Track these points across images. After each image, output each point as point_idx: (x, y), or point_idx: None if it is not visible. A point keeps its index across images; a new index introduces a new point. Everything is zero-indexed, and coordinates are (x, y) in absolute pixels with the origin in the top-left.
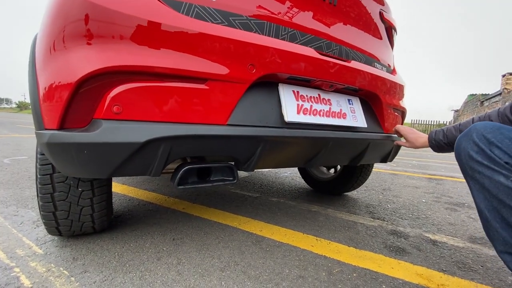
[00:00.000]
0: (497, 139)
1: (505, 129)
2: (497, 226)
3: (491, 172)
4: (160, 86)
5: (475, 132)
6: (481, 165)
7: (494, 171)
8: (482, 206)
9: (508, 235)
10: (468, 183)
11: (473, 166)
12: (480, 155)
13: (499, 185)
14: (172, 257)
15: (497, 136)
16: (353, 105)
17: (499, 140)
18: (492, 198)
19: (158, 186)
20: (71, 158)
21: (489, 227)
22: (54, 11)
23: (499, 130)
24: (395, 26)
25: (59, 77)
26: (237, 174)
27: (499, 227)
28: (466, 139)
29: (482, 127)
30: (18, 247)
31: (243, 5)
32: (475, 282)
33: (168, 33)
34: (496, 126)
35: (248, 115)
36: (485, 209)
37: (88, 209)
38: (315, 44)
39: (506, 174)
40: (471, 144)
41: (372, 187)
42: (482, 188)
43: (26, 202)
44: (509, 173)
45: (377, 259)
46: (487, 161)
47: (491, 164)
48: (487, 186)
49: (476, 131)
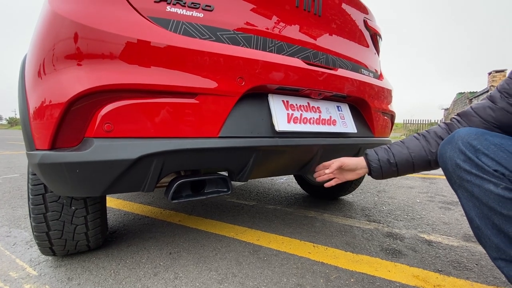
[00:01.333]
0: (483, 146)
1: (489, 135)
2: (489, 234)
3: (480, 180)
4: (151, 103)
5: (460, 140)
6: (470, 173)
7: (483, 179)
8: (472, 214)
9: (501, 242)
10: (456, 191)
11: (461, 175)
12: (468, 164)
13: (489, 193)
14: (169, 271)
15: (483, 143)
16: (342, 111)
17: (485, 147)
18: (483, 206)
19: (153, 199)
20: (64, 178)
21: (481, 235)
22: (44, 32)
23: (484, 136)
24: (379, 32)
25: (49, 97)
26: (231, 185)
27: (491, 234)
28: (451, 147)
29: (466, 134)
30: (12, 269)
31: (230, 20)
32: (470, 281)
33: (157, 51)
34: (479, 132)
35: (239, 126)
36: (476, 217)
37: (82, 227)
38: (302, 54)
39: (495, 182)
40: (457, 153)
41: (367, 189)
42: (471, 196)
43: (19, 222)
44: (499, 181)
45: (374, 262)
46: (475, 169)
47: (479, 173)
48: (477, 194)
49: (461, 138)
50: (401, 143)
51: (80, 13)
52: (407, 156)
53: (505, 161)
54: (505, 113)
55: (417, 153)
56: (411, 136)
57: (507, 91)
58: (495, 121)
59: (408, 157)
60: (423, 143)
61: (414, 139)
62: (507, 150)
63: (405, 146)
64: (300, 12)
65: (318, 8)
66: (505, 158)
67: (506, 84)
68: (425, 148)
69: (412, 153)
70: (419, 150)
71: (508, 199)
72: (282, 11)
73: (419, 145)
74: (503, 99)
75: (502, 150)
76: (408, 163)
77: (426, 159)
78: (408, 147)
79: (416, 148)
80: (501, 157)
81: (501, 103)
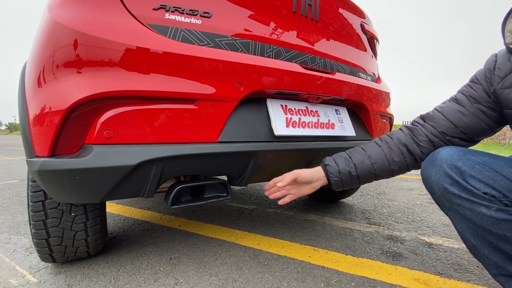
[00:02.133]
0: (468, 167)
1: (470, 154)
2: (486, 252)
3: (470, 204)
4: (150, 109)
5: (444, 162)
6: (459, 197)
7: (474, 202)
8: (467, 234)
9: (499, 259)
10: (446, 214)
11: (450, 198)
12: (456, 187)
13: (482, 216)
14: (169, 277)
15: (467, 163)
16: (340, 115)
17: (470, 168)
18: (477, 227)
19: (153, 204)
20: (63, 185)
21: (478, 253)
22: (44, 40)
23: (466, 156)
24: (377, 36)
25: (49, 104)
26: (230, 190)
27: (488, 253)
28: (435, 170)
29: (449, 155)
30: (12, 277)
31: (228, 26)
32: (471, 283)
33: (156, 58)
34: (461, 151)
35: (238, 131)
36: (471, 237)
37: (82, 234)
38: (300, 59)
39: (487, 204)
40: (443, 176)
41: (367, 192)
42: (463, 218)
43: (19, 229)
44: (490, 203)
45: (375, 266)
46: (464, 193)
47: (469, 196)
48: (469, 216)
49: (445, 161)
50: (362, 151)
51: (80, 21)
52: (369, 167)
53: (493, 182)
54: (477, 119)
55: (379, 163)
56: (372, 142)
57: (473, 96)
58: (465, 126)
59: (371, 168)
60: (385, 150)
61: (376, 146)
62: (492, 169)
63: (367, 155)
64: (298, 17)
65: (315, 13)
66: (492, 177)
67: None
68: (388, 157)
69: (375, 163)
70: (381, 160)
71: (502, 220)
72: (279, 16)
73: (382, 154)
74: (473, 105)
75: (487, 169)
76: (370, 174)
77: (389, 169)
78: (370, 157)
79: (379, 158)
80: (488, 177)
81: (471, 108)
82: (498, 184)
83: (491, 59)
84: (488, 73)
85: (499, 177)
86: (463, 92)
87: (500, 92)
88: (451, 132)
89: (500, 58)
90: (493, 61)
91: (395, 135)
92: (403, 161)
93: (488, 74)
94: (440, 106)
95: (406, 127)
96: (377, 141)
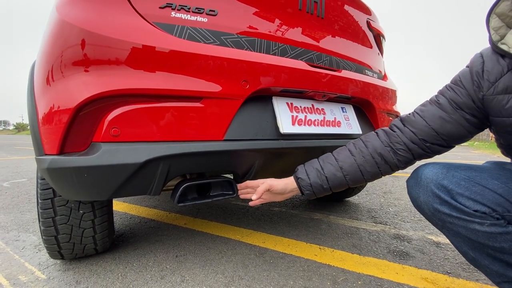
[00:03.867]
0: (455, 184)
1: (453, 170)
2: (486, 263)
3: (463, 222)
4: (157, 107)
5: (430, 182)
6: (450, 216)
7: (466, 221)
8: (464, 248)
9: (500, 268)
10: (440, 230)
11: (442, 218)
12: (446, 207)
13: (476, 232)
14: (175, 274)
15: (452, 180)
16: (346, 112)
17: (457, 185)
18: (473, 242)
19: (159, 202)
20: (72, 182)
21: (479, 265)
22: (52, 40)
23: (450, 173)
24: (383, 33)
25: (57, 103)
26: (236, 187)
27: (488, 263)
28: (422, 191)
29: (433, 174)
30: (21, 273)
31: (234, 24)
32: (480, 283)
33: (162, 56)
34: (444, 168)
35: (244, 129)
36: (469, 250)
37: (90, 231)
38: (306, 57)
39: (479, 221)
40: (431, 197)
41: (373, 190)
42: (458, 234)
43: (27, 226)
44: (482, 220)
45: (381, 265)
46: (455, 212)
47: (461, 215)
48: (464, 233)
49: (430, 180)
50: (334, 162)
51: (87, 20)
52: (341, 179)
53: (481, 198)
54: (459, 126)
55: (352, 174)
56: (345, 150)
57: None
58: (447, 133)
59: (343, 180)
60: (359, 161)
61: (349, 155)
62: (477, 183)
63: (339, 166)
64: (303, 14)
65: (321, 10)
66: (480, 193)
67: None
68: (361, 168)
69: (347, 175)
70: (354, 171)
71: (496, 234)
72: (285, 14)
73: (355, 165)
74: (456, 111)
75: (473, 185)
76: (342, 185)
77: (361, 179)
78: (342, 168)
79: (351, 169)
80: (476, 193)
81: (454, 115)
82: (486, 199)
83: (477, 61)
84: (476, 77)
85: (486, 192)
86: (445, 95)
87: (491, 99)
88: (432, 139)
89: (487, 59)
90: (480, 62)
91: (371, 142)
92: (377, 171)
93: (476, 77)
94: (421, 109)
95: (383, 132)
96: (351, 148)
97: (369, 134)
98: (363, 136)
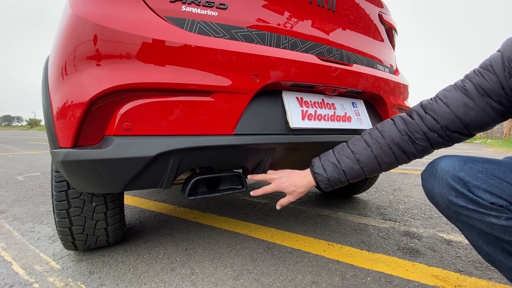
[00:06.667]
0: (472, 177)
1: (470, 162)
2: (501, 258)
3: (479, 215)
4: (168, 101)
5: (446, 174)
6: (466, 209)
7: (482, 213)
8: (478, 243)
9: None
10: (454, 224)
11: (457, 210)
12: (462, 199)
13: (492, 225)
14: (185, 267)
15: (470, 173)
16: (357, 107)
17: (474, 177)
18: (488, 236)
19: (168, 197)
20: (86, 175)
21: (493, 260)
22: (66, 35)
23: (467, 165)
24: (395, 27)
25: (71, 97)
26: (245, 182)
27: (503, 258)
28: (438, 183)
29: (450, 167)
30: (36, 263)
31: (244, 18)
32: (493, 281)
33: (173, 50)
34: (461, 160)
35: (254, 123)
36: (484, 245)
37: (102, 223)
38: (316, 51)
39: (496, 214)
40: (447, 189)
41: (382, 187)
42: (473, 228)
43: (42, 218)
44: (499, 213)
45: (391, 261)
46: (471, 204)
47: (477, 207)
48: (479, 227)
49: (446, 172)
50: (351, 154)
51: (100, 15)
52: (359, 171)
53: (498, 191)
54: (483, 114)
55: (370, 166)
56: (361, 141)
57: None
58: (471, 121)
59: (360, 172)
60: (376, 152)
61: (366, 147)
62: (495, 176)
63: (356, 159)
64: (314, 7)
65: (332, 3)
66: (497, 186)
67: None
68: (378, 159)
69: (365, 167)
70: (372, 163)
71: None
72: (295, 7)
73: (372, 157)
74: (483, 98)
75: (491, 177)
76: (360, 176)
77: (378, 169)
78: (359, 160)
79: (369, 161)
80: (493, 186)
81: (480, 102)
82: (504, 192)
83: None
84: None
85: (504, 185)
86: (472, 81)
87: None
88: (454, 126)
89: None
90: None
91: (388, 132)
92: (394, 161)
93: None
94: (444, 94)
95: (401, 119)
96: (367, 139)
97: (385, 122)
98: (378, 124)
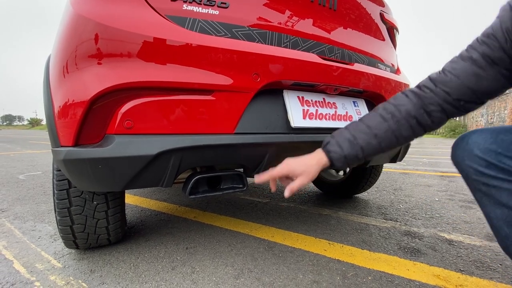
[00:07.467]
0: (504, 148)
1: (502, 134)
2: None
3: (509, 184)
4: (169, 100)
5: (477, 147)
6: (496, 178)
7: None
8: (500, 222)
9: None
10: (479, 200)
11: (486, 181)
12: (492, 169)
13: None
14: (186, 266)
15: (502, 145)
16: (358, 107)
17: (506, 149)
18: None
19: (168, 196)
20: (87, 173)
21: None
22: (67, 34)
23: (499, 137)
24: (396, 26)
25: (72, 96)
26: (246, 181)
27: None
28: (467, 155)
29: (481, 139)
30: (38, 261)
31: (245, 17)
32: (494, 281)
33: (174, 48)
34: (493, 133)
35: (255, 122)
36: (504, 225)
37: (103, 222)
38: (318, 49)
39: None
40: (477, 159)
41: (383, 187)
42: (498, 203)
43: (43, 217)
44: None
45: (392, 261)
46: (501, 174)
47: (507, 176)
48: (505, 200)
49: (477, 145)
50: (366, 129)
51: (102, 14)
52: (377, 148)
53: None
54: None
55: (387, 141)
56: (376, 116)
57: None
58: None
59: (377, 147)
60: (393, 126)
61: (382, 121)
62: None
63: (373, 133)
64: (315, 6)
65: (333, 2)
66: None
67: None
68: (396, 133)
69: (383, 142)
70: (389, 138)
71: None
72: (296, 6)
73: (389, 131)
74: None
75: None
76: (377, 152)
77: (395, 144)
78: (376, 135)
79: (386, 136)
80: None
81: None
82: None
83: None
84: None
85: None
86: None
87: None
88: (467, 97)
89: None
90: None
91: (403, 107)
92: (411, 134)
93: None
94: (452, 66)
95: (413, 93)
96: (383, 113)
97: (397, 96)
98: (391, 99)
